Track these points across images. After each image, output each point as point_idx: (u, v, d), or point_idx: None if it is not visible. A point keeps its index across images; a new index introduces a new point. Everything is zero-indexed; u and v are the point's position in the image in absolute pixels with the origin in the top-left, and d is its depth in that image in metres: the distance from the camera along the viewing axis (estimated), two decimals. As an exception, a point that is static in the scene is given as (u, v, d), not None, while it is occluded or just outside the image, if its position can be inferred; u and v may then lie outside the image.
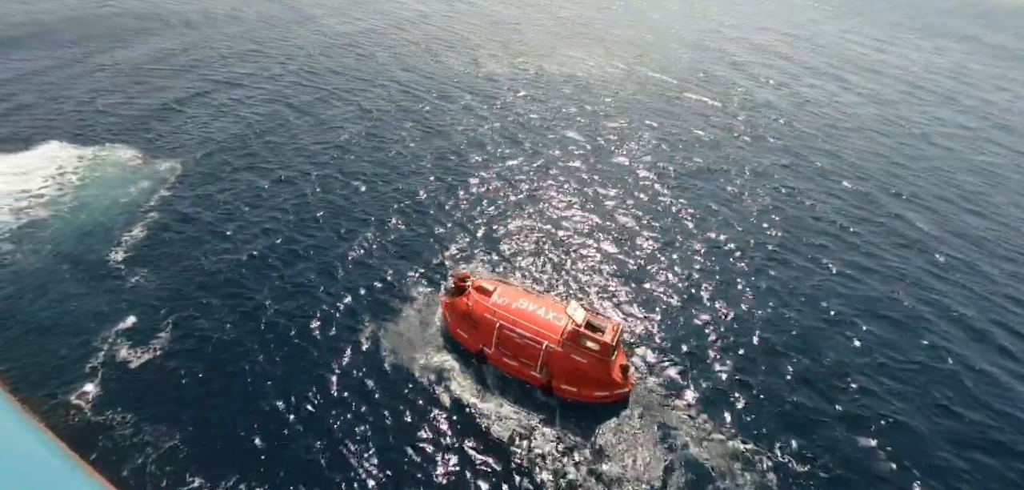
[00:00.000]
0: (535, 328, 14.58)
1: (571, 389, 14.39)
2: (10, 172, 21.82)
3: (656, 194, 25.63)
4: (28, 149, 23.63)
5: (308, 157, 25.72)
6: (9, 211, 19.46)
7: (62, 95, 29.42)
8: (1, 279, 16.72)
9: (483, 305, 15.16)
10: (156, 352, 14.77)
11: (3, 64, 32.67)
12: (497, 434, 13.55)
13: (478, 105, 33.46)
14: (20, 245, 18.06)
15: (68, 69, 33.00)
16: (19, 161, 22.67)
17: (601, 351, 13.85)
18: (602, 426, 13.99)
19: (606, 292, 18.91)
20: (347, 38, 44.56)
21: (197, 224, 20.09)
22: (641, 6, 74.50)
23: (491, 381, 14.98)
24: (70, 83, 31.06)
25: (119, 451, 12.21)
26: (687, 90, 40.92)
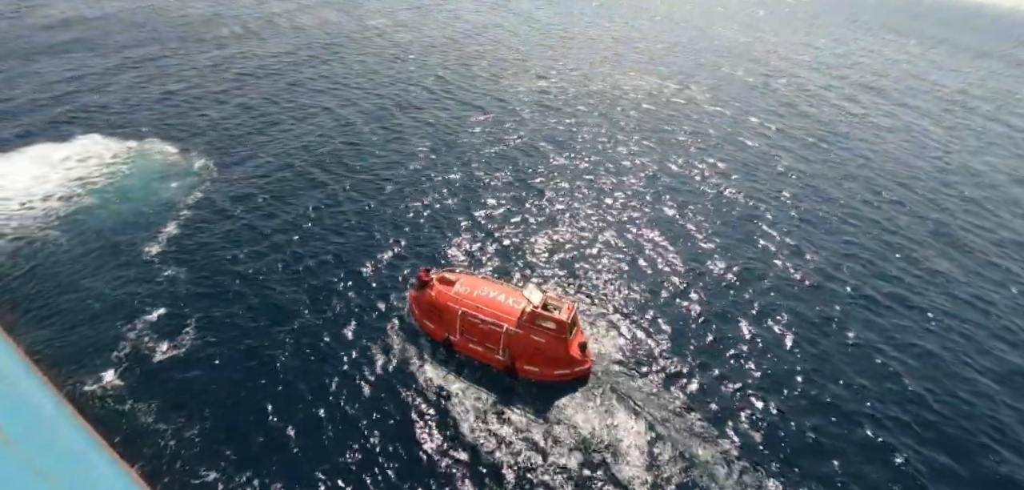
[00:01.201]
0: (496, 312, 15.42)
1: (533, 369, 15.27)
2: (54, 162, 23.16)
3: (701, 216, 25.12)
4: (70, 140, 25.12)
5: (344, 161, 26.49)
6: (54, 199, 20.62)
7: (104, 89, 31.22)
8: (42, 263, 17.65)
9: (446, 295, 15.98)
10: (181, 347, 15.23)
11: (51, 58, 34.90)
12: (463, 418, 14.16)
13: (529, 117, 33.75)
14: (62, 232, 19.06)
15: (111, 65, 35.00)
16: (62, 152, 24.05)
17: (558, 329, 14.73)
18: (563, 402, 14.82)
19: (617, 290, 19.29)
20: (399, 49, 46.04)
21: (228, 223, 20.81)
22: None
23: (457, 369, 15.72)
24: (112, 79, 32.93)
25: (138, 437, 12.59)
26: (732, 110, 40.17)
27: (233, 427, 13.30)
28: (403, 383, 15.11)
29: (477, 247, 21.06)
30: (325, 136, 28.78)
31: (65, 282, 17.10)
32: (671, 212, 24.90)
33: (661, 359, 16.82)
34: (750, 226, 24.47)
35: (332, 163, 26.12)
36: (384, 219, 22.25)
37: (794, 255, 22.66)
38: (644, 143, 32.09)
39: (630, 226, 23.55)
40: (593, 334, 17.24)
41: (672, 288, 19.99)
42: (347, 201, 23.20)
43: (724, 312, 19.16)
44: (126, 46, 38.71)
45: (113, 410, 13.14)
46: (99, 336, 15.25)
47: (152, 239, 19.31)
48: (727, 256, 22.03)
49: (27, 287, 16.82)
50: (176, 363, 14.74)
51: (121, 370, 14.29)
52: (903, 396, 16.52)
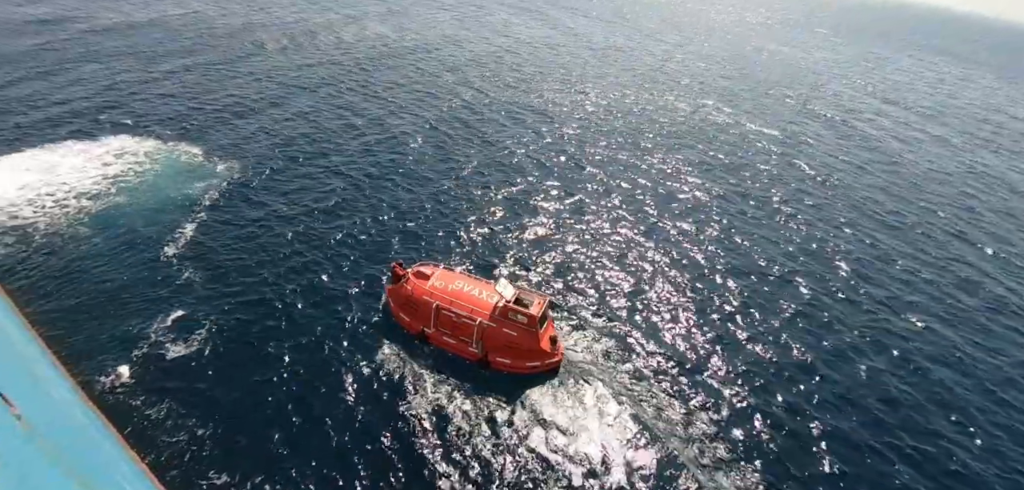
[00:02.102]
0: (470, 306, 15.93)
1: (505, 361, 15.78)
2: (89, 160, 24.33)
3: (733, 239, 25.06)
4: (105, 139, 26.36)
5: (365, 169, 27.16)
6: (85, 197, 21.59)
7: (140, 93, 32.72)
8: (70, 257, 18.40)
9: (422, 288, 16.44)
10: (193, 348, 15.55)
11: (92, 62, 36.76)
12: (438, 409, 14.64)
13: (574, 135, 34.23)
14: (91, 228, 19.88)
15: (147, 70, 36.72)
16: (97, 150, 25.26)
17: (529, 322, 15.28)
18: (534, 393, 15.40)
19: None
20: (443, 62, 47.41)
21: (244, 227, 21.37)
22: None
23: (432, 361, 16.18)
24: (147, 83, 34.53)
25: (149, 432, 12.81)
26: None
27: (240, 429, 13.44)
28: (381, 379, 15.47)
29: (487, 252, 21.38)
30: (348, 145, 29.58)
31: (90, 277, 17.77)
32: (700, 227, 25.00)
33: (637, 356, 17.47)
34: (809, 257, 24.45)
35: (353, 171, 26.78)
36: (405, 228, 22.61)
37: (850, 284, 22.33)
38: (669, 157, 32.16)
39: (651, 241, 23.50)
40: (594, 336, 17.95)
41: (682, 299, 20.42)
42: (366, 208, 23.70)
43: (716, 319, 19.59)
44: (163, 53, 40.69)
45: (127, 404, 13.46)
46: (117, 332, 15.73)
47: (172, 239, 19.96)
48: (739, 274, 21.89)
49: (54, 279, 17.52)
50: (188, 363, 15.07)
51: (136, 366, 14.69)
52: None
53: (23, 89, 32.04)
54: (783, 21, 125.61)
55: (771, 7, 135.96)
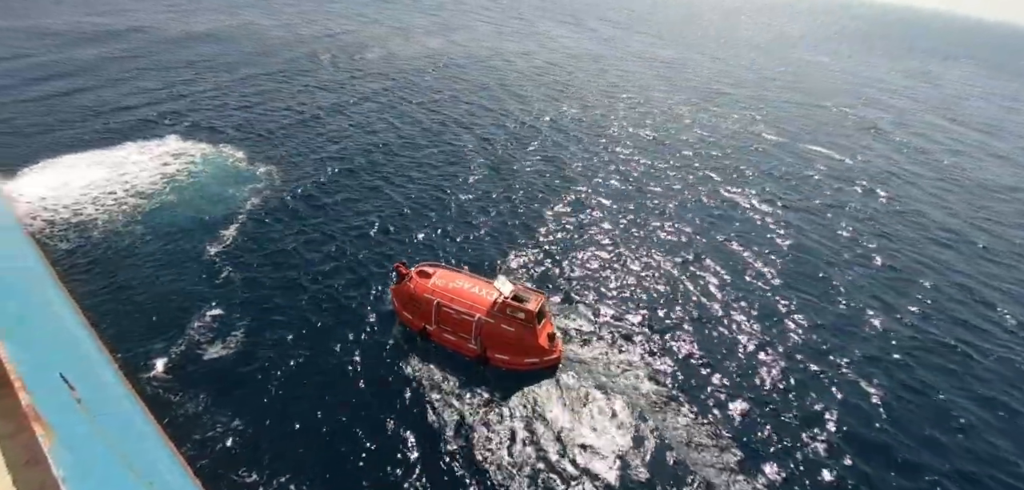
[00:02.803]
0: (469, 303, 16.41)
1: (503, 357, 16.19)
2: (143, 161, 26.22)
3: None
4: (158, 141, 28.34)
5: (405, 177, 27.93)
6: (141, 195, 23.23)
7: (191, 97, 35.06)
8: (123, 253, 19.75)
9: (424, 286, 16.99)
10: (229, 348, 16.23)
11: (149, 68, 39.64)
12: (438, 405, 15.13)
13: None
14: (142, 225, 21.32)
15: (199, 76, 39.27)
16: (151, 151, 27.22)
17: (526, 319, 15.66)
18: (531, 390, 15.79)
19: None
20: (493, 74, 48.68)
21: (283, 230, 22.34)
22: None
23: (433, 358, 16.72)
24: (199, 87, 36.93)
25: (186, 425, 13.41)
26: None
27: (272, 431, 13.91)
28: (383, 372, 16.01)
29: (529, 259, 21.72)
30: (390, 153, 30.55)
31: (139, 272, 18.97)
32: (725, 242, 24.21)
33: (639, 357, 17.63)
34: (822, 278, 23.24)
35: (394, 179, 27.57)
36: (440, 236, 23.01)
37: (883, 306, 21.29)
38: (718, 174, 31.60)
39: (659, 250, 23.08)
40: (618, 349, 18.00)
41: (678, 308, 19.66)
42: (405, 216, 24.31)
43: (722, 332, 19.17)
44: (219, 63, 43.54)
45: (165, 396, 14.20)
46: (160, 326, 16.67)
47: (214, 239, 21.08)
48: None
49: (107, 273, 18.80)
50: (224, 362, 15.75)
51: (175, 361, 15.48)
52: None
53: (91, 94, 34.88)
54: (822, 35, 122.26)
55: (801, 21, 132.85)
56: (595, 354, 17.50)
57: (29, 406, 3.22)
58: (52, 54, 41.99)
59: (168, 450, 6.30)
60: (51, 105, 32.47)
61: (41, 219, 20.79)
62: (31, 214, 20.96)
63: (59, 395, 4.12)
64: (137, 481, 4.58)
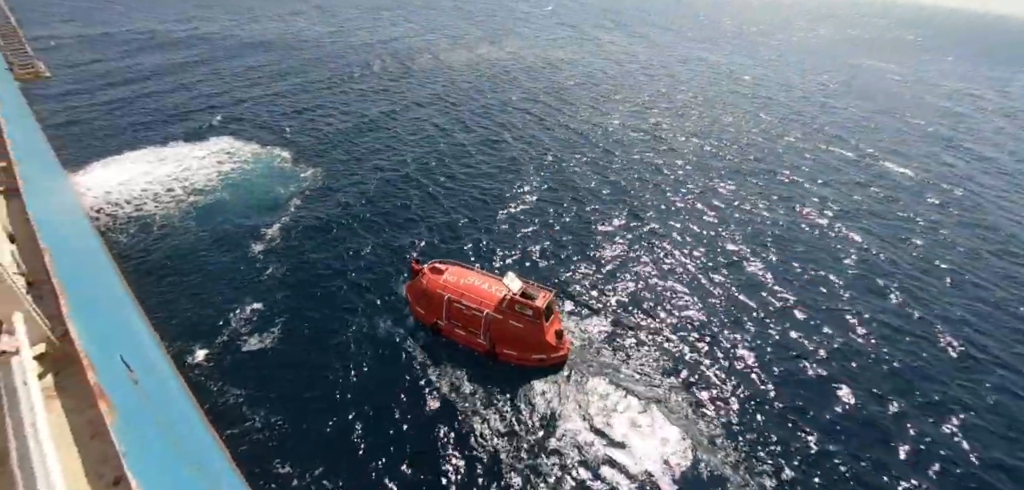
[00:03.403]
0: (478, 299, 16.88)
1: (511, 353, 16.56)
2: (198, 158, 28.03)
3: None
4: (210, 141, 30.32)
5: (444, 182, 28.54)
6: (196, 192, 24.79)
7: (245, 99, 37.11)
8: (176, 246, 21.13)
9: (436, 283, 17.55)
10: (267, 343, 17.02)
11: (209, 74, 42.23)
12: (448, 397, 15.63)
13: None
14: (195, 221, 22.78)
15: (254, 81, 41.54)
16: (204, 150, 29.06)
17: (534, 315, 16.02)
18: (538, 385, 16.15)
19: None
20: (552, 87, 49.43)
21: (322, 230, 23.26)
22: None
23: (443, 352, 17.22)
24: (252, 91, 39.05)
25: (222, 413, 14.25)
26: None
27: (303, 424, 14.48)
28: (405, 371, 16.43)
29: (554, 263, 21.38)
30: (431, 159, 31.21)
31: (189, 264, 20.22)
32: (773, 258, 23.36)
33: (645, 358, 17.73)
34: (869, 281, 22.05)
35: (432, 183, 28.18)
36: (479, 241, 23.29)
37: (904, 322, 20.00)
38: (742, 184, 30.62)
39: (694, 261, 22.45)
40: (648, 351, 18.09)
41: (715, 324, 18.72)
42: (443, 220, 24.81)
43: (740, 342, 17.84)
44: (278, 70, 46.14)
45: (206, 384, 15.08)
46: (204, 317, 17.69)
47: (259, 237, 22.17)
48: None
49: (161, 264, 20.14)
50: (262, 356, 16.54)
51: (216, 351, 16.40)
52: None
53: (154, 97, 37.54)
54: (879, 38, 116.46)
55: (859, 23, 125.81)
56: (625, 359, 17.52)
57: (95, 384, 3.54)
58: (122, 60, 45.47)
59: (211, 435, 6.71)
60: (118, 106, 35.14)
61: (105, 212, 22.49)
62: (96, 207, 22.71)
63: (119, 376, 4.50)
64: (186, 462, 4.92)
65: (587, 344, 18.04)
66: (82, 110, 34.07)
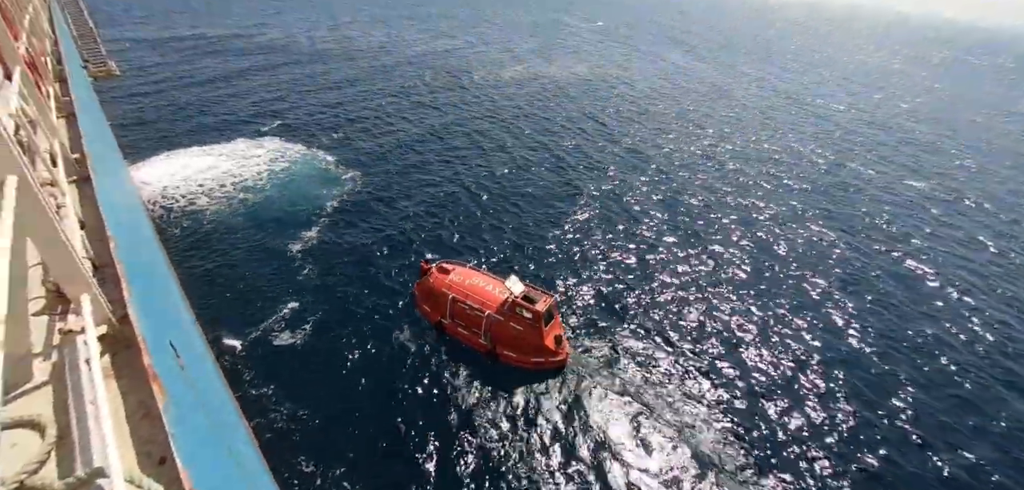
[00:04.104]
0: (481, 300, 17.31)
1: (511, 354, 16.88)
2: (247, 157, 29.51)
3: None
4: (262, 141, 31.95)
5: (483, 193, 28.84)
6: (245, 189, 26.10)
7: (300, 105, 38.91)
8: (223, 241, 22.19)
9: (442, 282, 18.11)
10: (297, 340, 17.55)
11: (260, 75, 44.49)
12: (448, 392, 16.18)
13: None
14: (242, 217, 23.94)
15: (307, 87, 43.49)
16: (256, 150, 30.60)
17: (533, 318, 16.32)
18: (536, 387, 16.44)
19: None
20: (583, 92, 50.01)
21: (360, 233, 23.92)
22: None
23: (446, 350, 17.75)
24: (300, 95, 40.88)
25: (252, 405, 14.77)
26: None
27: (327, 422, 14.81)
28: (425, 372, 16.72)
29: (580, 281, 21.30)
30: (474, 169, 31.72)
31: (232, 259, 21.17)
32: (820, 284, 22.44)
33: (652, 373, 17.71)
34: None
35: (474, 193, 28.58)
36: (517, 252, 23.42)
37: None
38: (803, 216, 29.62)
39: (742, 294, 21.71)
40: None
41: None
42: (482, 231, 25.11)
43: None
44: (334, 80, 48.31)
45: (239, 373, 15.68)
46: (241, 311, 18.44)
47: (298, 237, 23.01)
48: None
49: (206, 255, 21.19)
50: (292, 353, 17.07)
51: (249, 343, 17.06)
52: None
53: (212, 97, 39.82)
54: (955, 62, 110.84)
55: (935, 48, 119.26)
56: (628, 370, 17.47)
57: (149, 367, 3.78)
58: (186, 63, 48.56)
59: (243, 424, 7.00)
60: (179, 105, 37.47)
61: (160, 205, 23.90)
62: (152, 198, 24.16)
63: (168, 361, 4.77)
64: (223, 448, 5.14)
65: (594, 353, 18.10)
66: (146, 108, 36.49)
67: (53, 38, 17.98)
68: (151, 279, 7.46)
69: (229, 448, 5.44)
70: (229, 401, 7.43)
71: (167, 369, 4.35)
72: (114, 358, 4.29)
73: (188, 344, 7.36)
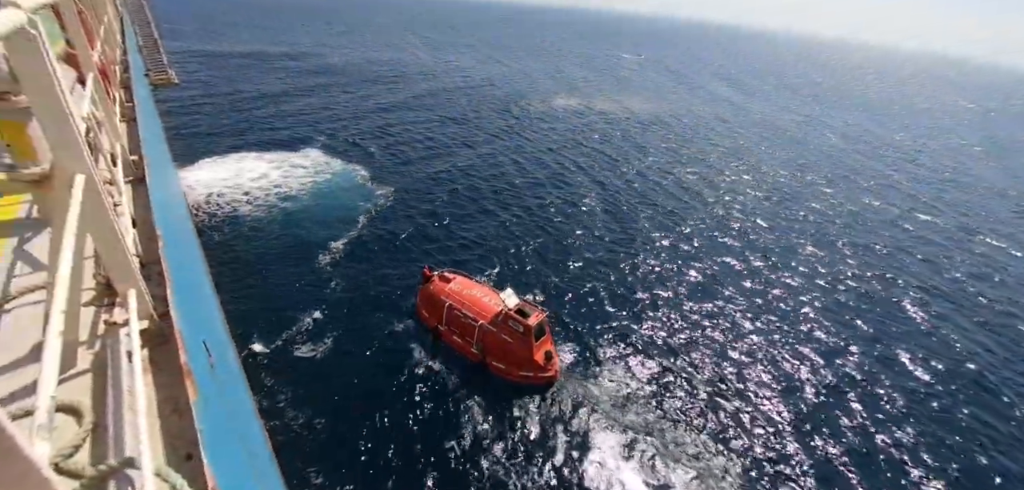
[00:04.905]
0: (475, 310, 17.62)
1: (500, 366, 17.13)
2: (288, 166, 30.81)
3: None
4: (301, 151, 33.24)
5: (517, 223, 28.90)
6: (285, 198, 27.15)
7: (338, 120, 40.49)
8: (259, 248, 23.02)
9: (441, 289, 18.54)
10: (317, 352, 17.86)
11: (307, 91, 46.54)
12: (439, 395, 16.67)
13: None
14: (277, 224, 24.82)
15: (347, 105, 45.28)
16: (295, 159, 31.91)
17: (524, 331, 16.49)
18: (523, 401, 16.63)
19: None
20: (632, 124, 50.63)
21: (388, 250, 24.40)
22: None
23: (440, 356, 18.13)
24: (340, 112, 42.52)
25: (271, 409, 15.06)
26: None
27: (339, 434, 14.91)
28: (442, 396, 16.02)
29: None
30: (509, 194, 31.93)
31: (263, 265, 21.89)
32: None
33: (649, 400, 17.60)
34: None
35: (508, 222, 28.53)
36: (550, 277, 23.38)
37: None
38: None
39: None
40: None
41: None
42: (511, 252, 25.24)
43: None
44: (381, 103, 50.40)
45: (259, 377, 16.04)
46: (267, 318, 18.95)
47: (328, 249, 23.62)
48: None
49: (240, 259, 21.98)
50: (311, 364, 17.36)
51: (272, 350, 17.46)
52: None
53: (260, 108, 41.83)
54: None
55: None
56: (621, 394, 17.23)
57: (185, 364, 3.95)
58: (242, 76, 51.41)
59: (261, 428, 7.17)
60: (230, 115, 39.58)
61: (203, 209, 25.05)
62: (195, 203, 25.35)
63: (201, 360, 4.96)
64: (245, 450, 5.26)
65: (592, 375, 18.02)
66: (199, 115, 38.68)
67: (122, 48, 19.40)
68: (190, 278, 7.81)
69: (249, 450, 5.57)
70: (250, 403, 7.62)
71: (199, 368, 4.52)
72: (152, 353, 4.50)
73: (218, 344, 7.63)
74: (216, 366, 5.86)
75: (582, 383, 17.82)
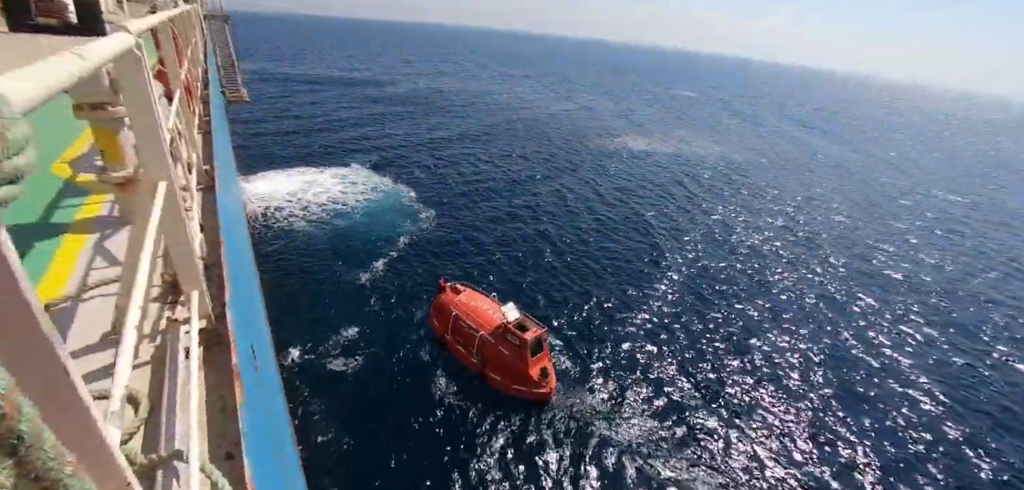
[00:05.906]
0: (478, 321, 18.00)
1: (496, 378, 17.36)
2: (337, 180, 32.42)
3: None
4: (357, 171, 35.05)
5: (558, 243, 29.24)
6: (335, 215, 28.45)
7: (397, 144, 42.29)
8: (306, 260, 24.05)
9: (451, 300, 19.06)
10: (349, 368, 18.26)
11: (375, 120, 48.95)
12: (439, 398, 17.20)
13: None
14: (328, 241, 25.97)
15: (412, 133, 47.27)
16: (352, 177, 33.59)
17: (520, 345, 16.68)
18: (519, 415, 16.77)
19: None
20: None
21: (427, 272, 24.86)
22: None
23: (444, 364, 18.65)
24: (408, 141, 44.44)
25: (301, 417, 15.42)
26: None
27: (365, 452, 15.05)
28: (466, 421, 15.64)
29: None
30: (557, 231, 31.90)
31: (308, 277, 22.79)
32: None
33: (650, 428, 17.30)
34: None
35: (549, 254, 28.46)
36: (584, 311, 23.04)
37: None
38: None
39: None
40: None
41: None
42: (554, 281, 25.31)
43: None
44: (423, 119, 52.72)
45: (294, 386, 16.52)
46: (306, 329, 19.63)
47: (368, 268, 24.35)
48: None
49: (288, 269, 22.99)
50: (341, 379, 17.75)
51: (307, 360, 18.01)
52: None
53: (320, 125, 44.33)
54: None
55: None
56: (620, 417, 17.01)
57: (235, 365, 4.16)
58: (308, 97, 54.92)
59: (293, 435, 7.39)
60: (293, 132, 42.21)
61: (259, 219, 26.57)
62: (253, 214, 26.93)
63: (248, 363, 5.21)
64: (280, 456, 5.43)
65: (594, 396, 17.99)
66: (264, 131, 41.46)
67: (204, 67, 21.25)
68: (243, 283, 8.26)
69: (281, 456, 5.72)
70: (284, 410, 7.87)
71: (246, 371, 4.74)
72: (206, 352, 4.76)
73: (262, 349, 7.98)
74: (260, 371, 6.13)
75: (594, 404, 17.69)
